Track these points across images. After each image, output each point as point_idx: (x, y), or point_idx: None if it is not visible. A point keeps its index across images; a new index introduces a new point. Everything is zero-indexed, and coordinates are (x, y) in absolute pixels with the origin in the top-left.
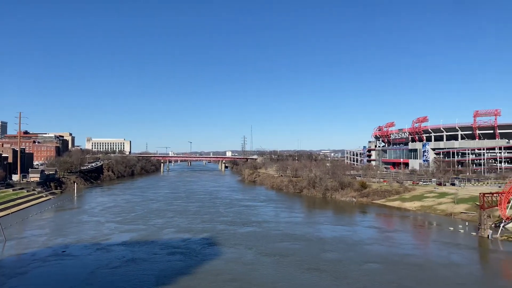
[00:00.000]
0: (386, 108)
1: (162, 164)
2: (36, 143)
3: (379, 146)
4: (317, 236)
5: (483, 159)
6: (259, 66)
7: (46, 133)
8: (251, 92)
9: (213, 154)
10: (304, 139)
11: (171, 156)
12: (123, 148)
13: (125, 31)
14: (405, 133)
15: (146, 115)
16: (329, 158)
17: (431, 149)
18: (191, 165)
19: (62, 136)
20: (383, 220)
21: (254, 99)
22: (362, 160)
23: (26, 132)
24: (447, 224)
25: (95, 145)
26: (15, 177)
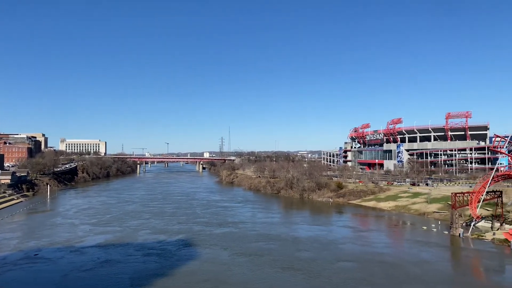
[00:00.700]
0: (361, 109)
1: (139, 166)
2: (7, 144)
3: (355, 147)
4: (293, 236)
5: (455, 159)
6: (235, 68)
7: (17, 134)
8: (228, 93)
9: (190, 155)
10: (281, 140)
11: (147, 158)
12: (99, 149)
13: (102, 31)
14: (380, 135)
15: (122, 116)
16: (306, 159)
17: (405, 150)
18: (168, 167)
19: (35, 137)
20: (358, 220)
21: (231, 100)
22: (339, 161)
23: None
24: (420, 223)
25: (69, 146)
26: None
